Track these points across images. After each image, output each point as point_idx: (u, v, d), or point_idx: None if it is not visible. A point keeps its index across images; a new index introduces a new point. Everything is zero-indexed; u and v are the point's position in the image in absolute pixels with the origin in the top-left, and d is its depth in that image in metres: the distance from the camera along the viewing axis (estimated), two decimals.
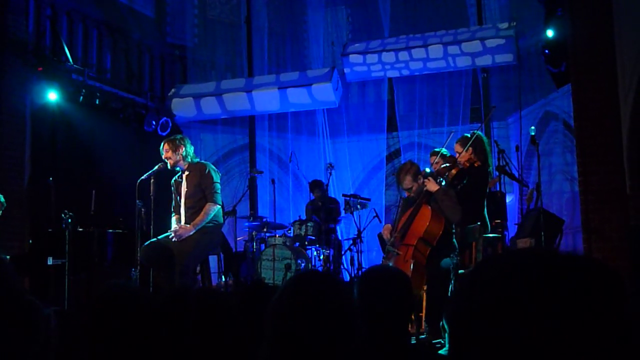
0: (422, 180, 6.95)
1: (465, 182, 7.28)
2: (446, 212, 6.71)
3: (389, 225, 7.21)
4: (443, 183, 6.99)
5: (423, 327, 6.51)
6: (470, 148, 7.43)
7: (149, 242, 7.24)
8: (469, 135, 7.68)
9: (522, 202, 10.12)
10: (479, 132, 7.94)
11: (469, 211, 7.02)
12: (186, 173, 7.39)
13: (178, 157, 7.34)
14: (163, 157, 7.39)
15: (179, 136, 7.71)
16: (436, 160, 7.69)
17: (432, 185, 6.79)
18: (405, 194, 7.28)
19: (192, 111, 12.42)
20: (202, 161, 7.68)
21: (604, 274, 1.06)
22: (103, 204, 9.50)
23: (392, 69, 12.28)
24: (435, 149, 8.14)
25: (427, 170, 7.34)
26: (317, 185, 11.75)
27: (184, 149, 7.35)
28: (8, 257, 8.17)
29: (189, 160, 7.39)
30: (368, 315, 2.91)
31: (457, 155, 7.47)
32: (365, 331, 2.88)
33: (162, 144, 7.48)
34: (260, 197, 13.31)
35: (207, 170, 7.34)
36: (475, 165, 7.39)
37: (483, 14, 12.35)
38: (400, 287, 3.02)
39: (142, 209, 7.66)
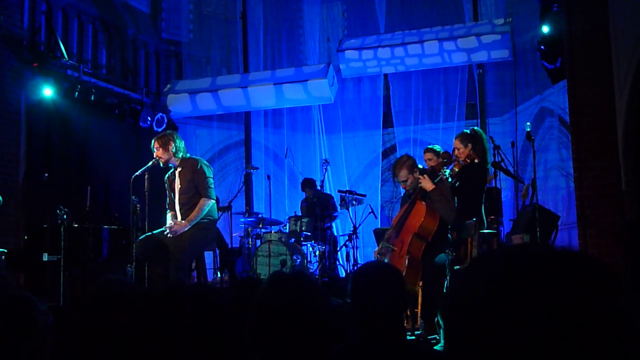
0: (417, 173, 6.94)
1: (463, 178, 7.29)
2: (440, 212, 6.71)
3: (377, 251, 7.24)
4: (446, 174, 7.00)
5: (418, 323, 6.52)
6: (470, 144, 7.43)
7: (144, 235, 7.24)
8: (468, 132, 7.68)
9: (518, 198, 10.14)
10: (478, 129, 7.94)
11: (466, 207, 7.04)
12: (179, 169, 7.37)
13: (169, 154, 7.31)
14: (154, 155, 7.37)
15: (168, 132, 7.70)
16: (428, 157, 7.70)
17: (427, 184, 6.78)
18: (402, 187, 7.29)
19: (187, 107, 12.43)
20: (194, 156, 7.67)
21: (599, 269, 1.06)
22: (98, 200, 9.52)
23: (388, 65, 12.30)
24: (429, 146, 8.14)
25: (420, 167, 7.34)
26: (307, 185, 11.75)
27: (173, 144, 7.32)
28: (4, 254, 8.17)
29: (180, 155, 7.37)
30: (362, 311, 2.91)
31: (456, 151, 7.47)
32: (359, 328, 2.87)
33: (152, 142, 7.47)
34: (256, 193, 13.31)
35: (199, 166, 7.32)
36: (475, 161, 7.39)
37: (479, 10, 12.37)
38: (393, 283, 3.01)
39: (137, 205, 7.65)
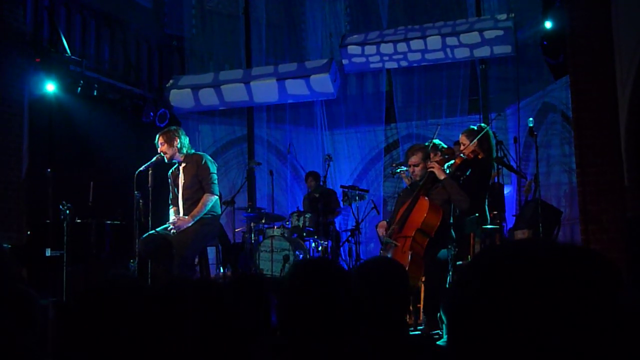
0: (429, 163, 6.92)
1: (468, 173, 7.27)
2: (455, 199, 6.70)
3: (384, 223, 7.20)
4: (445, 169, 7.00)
5: (421, 318, 6.52)
6: (476, 140, 7.42)
7: (147, 234, 7.23)
8: (475, 128, 7.67)
9: (520, 193, 10.13)
10: (485, 125, 7.93)
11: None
12: (183, 164, 7.37)
13: (173, 149, 7.31)
14: (159, 150, 7.36)
15: (172, 127, 7.68)
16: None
17: (440, 173, 6.76)
18: (405, 183, 7.28)
19: (190, 102, 12.42)
20: (198, 152, 7.66)
21: (601, 265, 1.07)
22: (101, 195, 9.51)
23: (391, 60, 12.27)
24: (426, 143, 8.11)
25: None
26: (312, 175, 11.75)
27: (178, 140, 7.32)
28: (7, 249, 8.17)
29: (185, 151, 7.37)
30: (365, 306, 2.92)
31: (462, 146, 7.46)
32: (362, 323, 2.88)
33: (157, 137, 7.46)
34: (259, 188, 13.31)
35: (203, 161, 7.32)
36: (479, 157, 7.38)
37: (481, 5, 12.35)
38: (396, 278, 3.02)
39: (141, 201, 7.65)
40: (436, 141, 7.76)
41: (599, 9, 7.92)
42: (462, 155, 7.22)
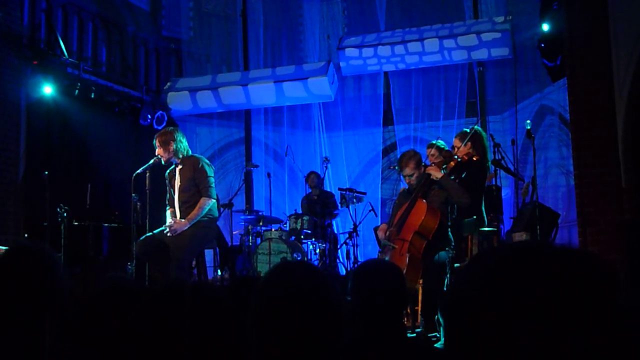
0: (423, 169, 6.93)
1: (463, 175, 7.28)
2: (455, 196, 6.70)
3: (385, 226, 7.20)
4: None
5: (419, 321, 6.52)
6: (469, 142, 7.42)
7: (144, 236, 7.21)
8: (467, 130, 7.67)
9: (518, 195, 10.13)
10: (478, 127, 7.93)
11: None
12: (179, 167, 7.34)
13: (169, 152, 7.28)
14: (156, 152, 7.35)
15: (170, 129, 7.65)
16: (432, 153, 7.68)
17: (436, 173, 6.78)
18: (405, 183, 7.28)
19: (187, 105, 12.42)
20: (196, 155, 7.64)
21: (598, 266, 1.07)
22: (98, 197, 9.52)
23: (388, 63, 12.29)
24: (432, 142, 8.11)
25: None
26: (313, 172, 11.76)
27: (174, 144, 7.28)
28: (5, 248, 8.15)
29: (182, 154, 7.35)
30: (362, 309, 2.91)
31: (456, 149, 7.46)
32: (360, 325, 2.88)
33: (154, 139, 7.45)
34: (256, 191, 13.31)
35: (200, 165, 7.30)
36: (474, 159, 7.38)
37: (479, 8, 12.37)
38: (392, 280, 3.01)
39: (138, 203, 7.63)
40: (441, 142, 7.79)
41: (596, 11, 7.92)
42: (456, 157, 7.21)
